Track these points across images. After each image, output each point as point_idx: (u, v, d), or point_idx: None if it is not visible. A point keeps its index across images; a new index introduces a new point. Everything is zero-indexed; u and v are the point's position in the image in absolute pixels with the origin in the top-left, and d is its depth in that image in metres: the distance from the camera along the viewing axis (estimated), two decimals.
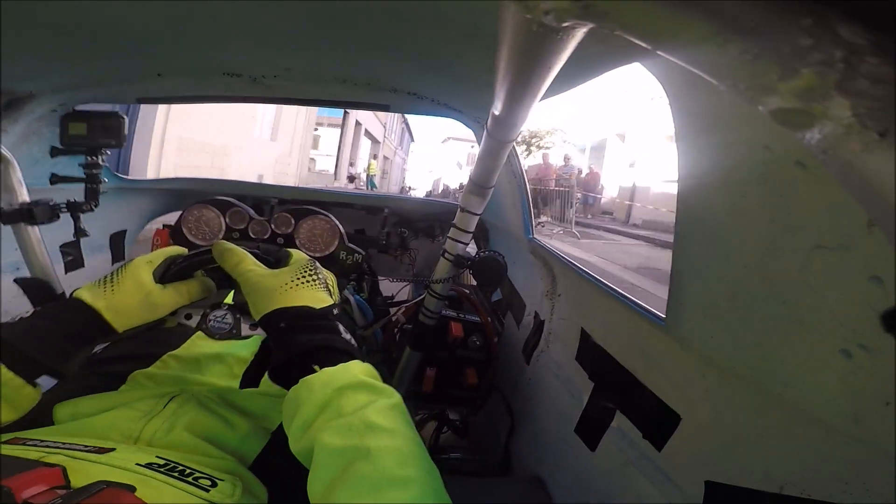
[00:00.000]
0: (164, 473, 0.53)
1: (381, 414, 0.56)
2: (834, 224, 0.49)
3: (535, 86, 0.54)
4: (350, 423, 0.54)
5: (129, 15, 0.83)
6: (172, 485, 0.52)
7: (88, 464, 0.51)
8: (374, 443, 0.52)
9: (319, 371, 0.60)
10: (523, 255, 1.62)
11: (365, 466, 0.50)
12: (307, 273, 0.73)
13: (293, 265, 0.74)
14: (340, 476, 0.50)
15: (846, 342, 0.49)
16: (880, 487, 0.48)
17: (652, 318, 0.86)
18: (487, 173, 1.19)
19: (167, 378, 0.86)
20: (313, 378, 0.59)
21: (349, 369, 0.61)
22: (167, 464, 0.55)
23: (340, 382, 0.58)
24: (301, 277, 0.72)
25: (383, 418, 0.56)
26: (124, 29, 0.91)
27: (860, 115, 0.20)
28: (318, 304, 0.70)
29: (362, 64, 1.17)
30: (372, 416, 0.55)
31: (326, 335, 0.66)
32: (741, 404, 0.66)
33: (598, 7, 0.26)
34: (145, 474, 0.52)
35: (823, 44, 0.20)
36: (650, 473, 0.80)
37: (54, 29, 0.87)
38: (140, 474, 0.51)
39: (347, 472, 0.50)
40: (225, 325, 0.81)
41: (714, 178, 0.67)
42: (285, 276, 0.71)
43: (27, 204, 1.15)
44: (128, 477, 0.50)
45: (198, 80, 1.34)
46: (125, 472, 0.51)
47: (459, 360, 1.55)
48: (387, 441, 0.53)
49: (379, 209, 2.22)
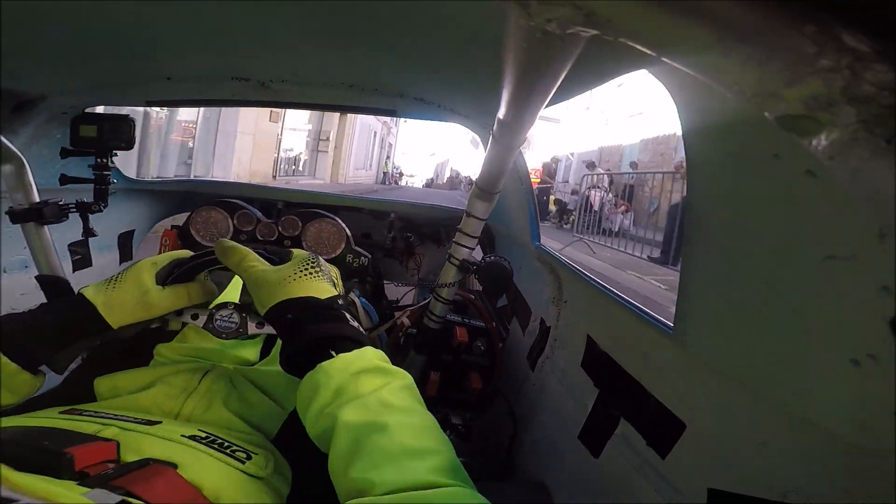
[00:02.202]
0: (205, 445, 0.59)
1: (395, 394, 0.59)
2: (844, 234, 0.49)
3: (540, 92, 0.54)
4: (366, 402, 0.57)
5: (138, 18, 0.84)
6: (213, 455, 0.57)
7: (139, 435, 0.57)
8: (389, 419, 0.55)
9: (335, 356, 0.61)
10: (529, 261, 1.61)
11: (381, 439, 0.53)
12: (309, 266, 0.73)
13: (295, 259, 0.75)
14: (357, 449, 0.53)
15: (855, 351, 0.48)
16: (885, 497, 0.47)
17: (660, 326, 0.85)
18: (494, 178, 1.19)
19: (189, 350, 0.92)
20: (329, 364, 0.61)
21: (364, 354, 0.63)
22: (208, 436, 0.61)
23: (356, 367, 0.60)
24: (303, 270, 0.72)
25: (397, 398, 0.59)
26: (133, 32, 0.92)
27: (867, 121, 0.20)
28: (323, 294, 0.70)
29: (370, 69, 1.17)
30: (387, 395, 0.58)
31: (335, 324, 0.67)
32: (746, 412, 0.65)
33: (601, 14, 0.26)
34: (190, 445, 0.58)
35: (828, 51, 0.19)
36: (653, 480, 0.79)
37: (63, 31, 0.88)
38: (185, 445, 0.57)
39: (364, 445, 0.52)
40: (231, 325, 0.81)
41: (722, 187, 0.67)
42: (288, 270, 0.72)
43: (37, 204, 1.16)
44: (173, 448, 0.56)
45: (206, 83, 1.35)
46: (171, 444, 0.57)
47: (464, 364, 1.54)
48: (402, 417, 0.56)
49: (386, 214, 2.23)
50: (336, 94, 1.41)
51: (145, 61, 1.15)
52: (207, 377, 0.78)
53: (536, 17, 0.29)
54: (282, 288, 0.70)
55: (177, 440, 0.58)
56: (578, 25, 0.28)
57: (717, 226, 0.69)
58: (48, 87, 1.31)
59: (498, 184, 1.21)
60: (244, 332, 0.81)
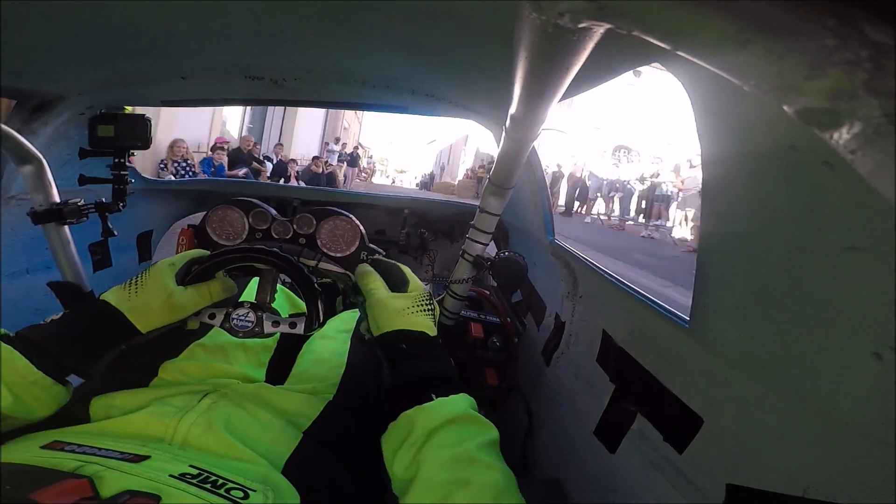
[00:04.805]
0: (195, 486, 0.53)
1: (483, 449, 0.62)
2: (864, 224, 0.48)
3: (553, 86, 0.54)
4: (455, 454, 0.61)
5: (152, 17, 0.85)
6: (203, 498, 0.52)
7: (121, 474, 0.52)
8: (474, 476, 0.58)
9: (435, 400, 0.67)
10: (544, 256, 1.60)
11: (463, 496, 0.56)
12: (425, 302, 0.81)
13: (414, 292, 0.83)
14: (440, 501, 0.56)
15: (877, 344, 0.47)
16: None
17: (675, 319, 0.85)
18: (507, 174, 1.18)
19: (196, 368, 0.87)
20: (429, 406, 0.66)
21: (459, 401, 0.69)
22: (200, 474, 0.56)
23: (452, 413, 0.66)
24: (420, 305, 0.80)
25: (484, 453, 0.62)
26: (148, 31, 0.93)
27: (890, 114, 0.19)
28: (432, 332, 0.79)
29: (382, 66, 1.17)
30: (474, 450, 0.61)
31: (441, 364, 0.75)
32: (765, 406, 0.64)
33: (614, 7, 0.25)
34: (177, 487, 0.52)
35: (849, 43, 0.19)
36: (671, 476, 0.79)
37: (80, 31, 0.89)
38: (171, 487, 0.52)
39: (448, 500, 0.56)
40: (248, 324, 0.82)
41: (739, 179, 0.66)
42: (408, 301, 0.80)
43: (57, 204, 1.18)
44: (158, 490, 0.51)
45: (220, 82, 1.36)
46: (156, 485, 0.51)
47: (479, 360, 1.54)
48: (485, 475, 0.59)
49: (399, 210, 2.23)
50: (348, 92, 1.42)
51: (160, 61, 1.16)
52: (209, 397, 0.73)
53: (548, 10, 0.29)
54: (401, 317, 0.77)
55: (163, 481, 0.52)
56: (591, 19, 0.28)
57: (733, 218, 0.68)
58: (66, 88, 1.33)
59: (511, 179, 1.21)
60: (261, 331, 0.82)
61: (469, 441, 0.63)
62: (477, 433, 0.65)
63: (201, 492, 0.53)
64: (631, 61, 0.77)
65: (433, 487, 0.58)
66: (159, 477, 0.53)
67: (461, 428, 0.65)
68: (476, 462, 0.60)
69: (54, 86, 1.31)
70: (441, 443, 0.62)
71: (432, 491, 0.57)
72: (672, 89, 12.70)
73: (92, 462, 0.53)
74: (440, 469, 0.59)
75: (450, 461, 0.60)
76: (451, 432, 0.63)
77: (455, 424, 0.65)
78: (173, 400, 0.72)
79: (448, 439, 0.63)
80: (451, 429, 0.64)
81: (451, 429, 0.64)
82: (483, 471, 0.59)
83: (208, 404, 0.71)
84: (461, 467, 0.59)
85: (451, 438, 0.63)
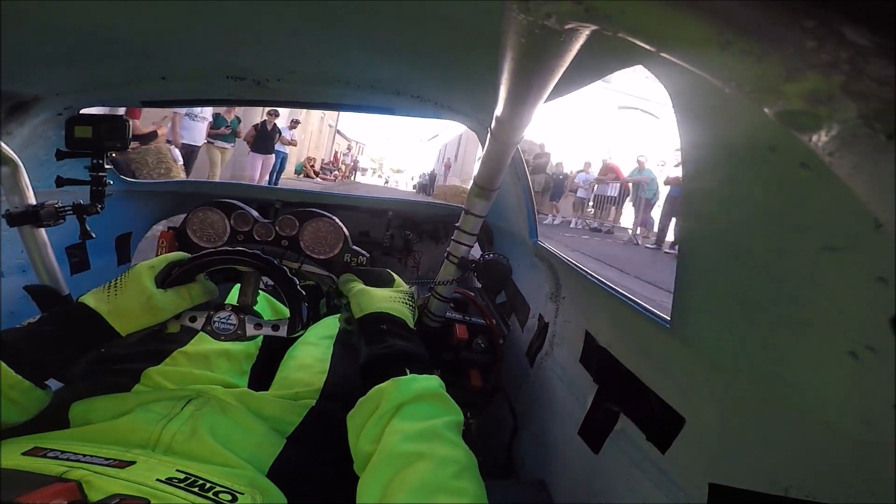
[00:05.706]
0: (184, 489, 0.53)
1: (450, 428, 0.64)
2: (841, 225, 0.49)
3: (538, 88, 0.54)
4: (422, 428, 0.62)
5: (132, 18, 0.83)
6: (192, 501, 0.52)
7: (108, 479, 0.52)
8: (437, 450, 0.59)
9: (408, 375, 0.69)
10: (528, 258, 1.61)
11: (425, 467, 0.56)
12: (408, 298, 0.89)
13: (399, 287, 0.92)
14: (399, 474, 0.56)
15: (854, 344, 0.48)
16: (886, 490, 0.47)
17: (656, 319, 0.85)
18: (492, 176, 1.19)
19: (178, 375, 0.87)
20: (402, 379, 0.68)
21: (432, 380, 0.70)
22: (187, 478, 0.56)
23: (423, 390, 0.67)
24: (403, 298, 0.87)
25: (450, 432, 0.63)
26: (128, 32, 0.92)
27: (867, 117, 0.20)
28: (411, 322, 0.84)
29: (366, 67, 1.17)
30: (441, 427, 0.63)
31: (417, 347, 0.78)
32: (746, 406, 0.65)
33: (600, 9, 0.26)
34: (165, 491, 0.52)
35: (828, 45, 0.19)
36: (654, 476, 0.80)
37: (58, 32, 0.87)
38: (159, 490, 0.52)
39: (407, 471, 0.56)
40: (229, 326, 0.81)
41: (719, 180, 0.67)
42: (392, 292, 0.88)
43: (33, 206, 1.16)
44: (147, 493, 0.51)
45: (202, 83, 1.34)
46: (144, 489, 0.51)
47: (464, 362, 1.54)
48: (448, 451, 0.60)
49: (383, 212, 2.22)
50: (332, 93, 1.41)
51: (140, 61, 1.14)
52: (192, 403, 0.73)
53: (536, 12, 0.29)
54: (384, 302, 0.84)
55: (150, 485, 0.52)
56: (578, 20, 0.28)
57: (713, 219, 0.69)
58: (43, 89, 1.30)
59: (496, 181, 1.21)
60: (243, 333, 0.81)
61: (436, 418, 0.64)
62: (444, 412, 0.66)
63: (190, 495, 0.53)
64: (614, 63, 0.78)
65: (395, 458, 0.58)
66: (147, 481, 0.53)
67: (430, 406, 0.66)
68: (441, 437, 0.61)
69: (31, 87, 1.28)
70: (409, 415, 0.64)
71: (394, 461, 0.58)
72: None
73: (77, 468, 0.53)
74: (405, 440, 0.60)
75: (416, 434, 0.61)
76: (421, 407, 0.65)
77: (424, 401, 0.66)
78: (155, 406, 0.71)
79: (416, 413, 0.64)
80: (420, 405, 0.65)
81: (420, 405, 0.65)
82: (446, 447, 0.60)
83: (192, 411, 0.71)
84: (426, 441, 0.60)
85: (419, 413, 0.64)
